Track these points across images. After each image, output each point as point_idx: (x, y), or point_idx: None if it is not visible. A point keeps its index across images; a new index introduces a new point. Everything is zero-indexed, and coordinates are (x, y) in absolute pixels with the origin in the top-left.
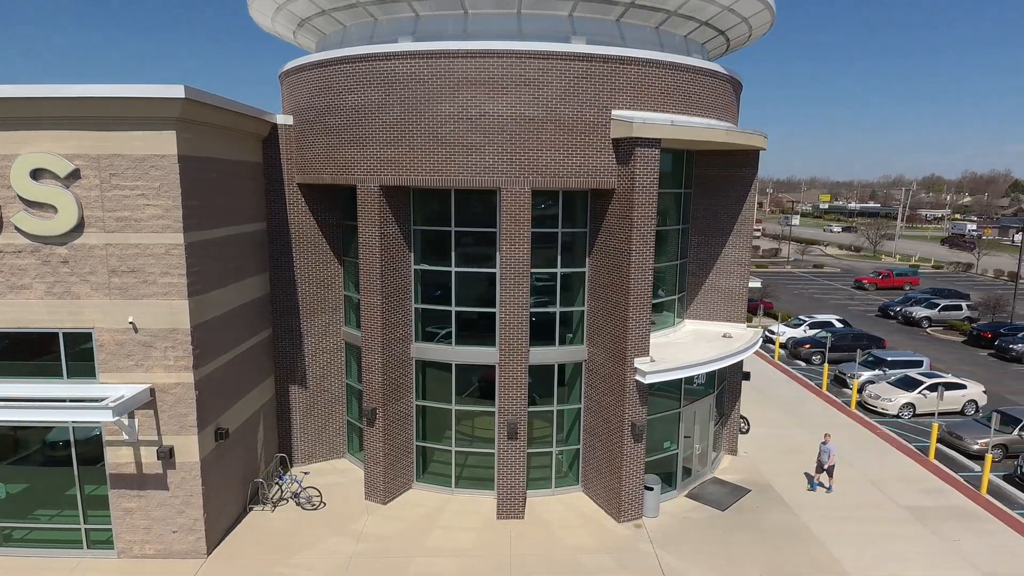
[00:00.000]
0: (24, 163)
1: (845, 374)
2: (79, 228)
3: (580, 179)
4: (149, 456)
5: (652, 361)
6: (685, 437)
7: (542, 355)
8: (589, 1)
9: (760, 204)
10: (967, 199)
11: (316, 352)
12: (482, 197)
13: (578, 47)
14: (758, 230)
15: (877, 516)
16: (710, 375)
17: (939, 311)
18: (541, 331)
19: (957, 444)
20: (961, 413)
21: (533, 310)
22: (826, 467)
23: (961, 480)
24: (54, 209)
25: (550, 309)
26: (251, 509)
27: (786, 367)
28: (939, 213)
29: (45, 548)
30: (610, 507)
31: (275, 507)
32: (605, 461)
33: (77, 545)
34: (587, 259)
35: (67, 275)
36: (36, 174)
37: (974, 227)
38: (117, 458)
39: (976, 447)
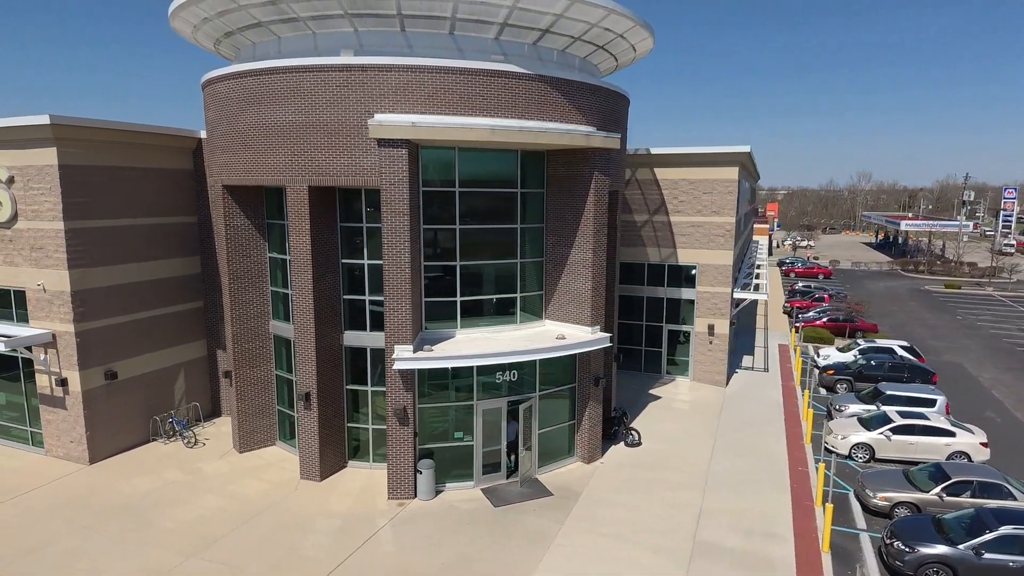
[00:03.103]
0: None
1: (834, 406)
2: (15, 217)
3: (350, 178)
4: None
5: (428, 351)
6: (488, 432)
7: (355, 338)
8: (363, 16)
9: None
10: None
11: None
12: None
13: (339, 59)
14: (1010, 245)
15: (648, 543)
16: (526, 378)
17: None
18: (356, 317)
19: (860, 495)
20: None
21: (349, 297)
22: None
23: (818, 533)
24: (1, 204)
25: (361, 297)
26: (153, 440)
27: (797, 393)
28: None
29: (9, 440)
30: None
31: (168, 441)
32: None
33: (25, 441)
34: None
35: (11, 250)
36: None
37: None
38: (42, 382)
39: (875, 501)
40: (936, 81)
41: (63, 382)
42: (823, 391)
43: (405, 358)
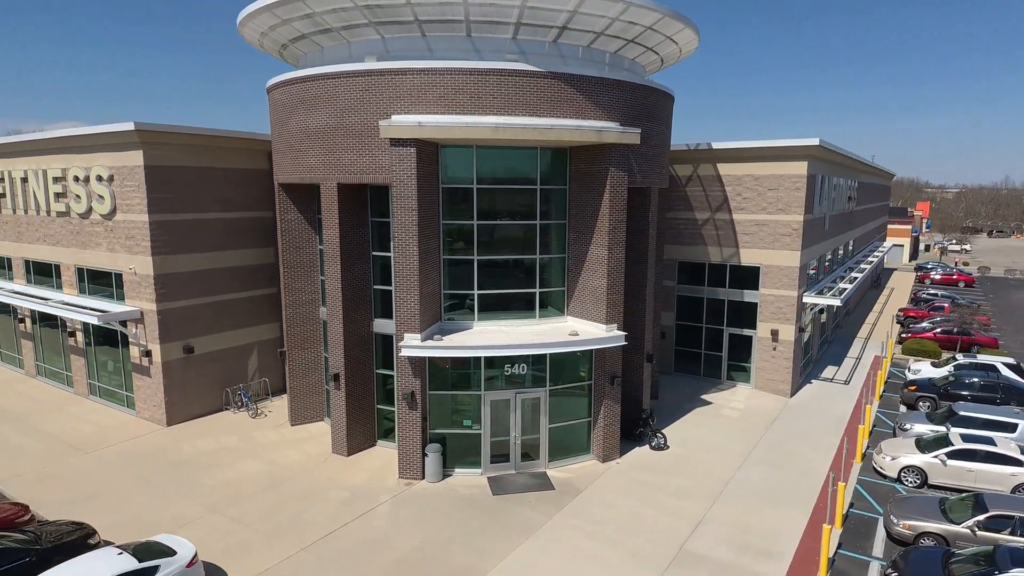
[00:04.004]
0: (93, 172)
1: (899, 424)
2: (114, 210)
3: (371, 175)
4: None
5: (437, 340)
6: (496, 423)
7: (384, 326)
8: (385, 24)
9: None
10: None
11: None
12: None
13: (361, 65)
14: None
15: (630, 546)
16: (537, 372)
17: None
18: (385, 306)
19: (886, 521)
20: None
21: (379, 287)
22: None
23: (820, 555)
24: (103, 199)
25: (389, 287)
26: (225, 409)
27: (869, 408)
28: None
29: (112, 402)
30: None
31: (237, 411)
32: None
33: (123, 403)
34: None
35: (112, 238)
36: (98, 178)
37: None
38: (133, 353)
39: (899, 528)
40: None
41: (148, 353)
42: (903, 408)
43: (412, 345)
